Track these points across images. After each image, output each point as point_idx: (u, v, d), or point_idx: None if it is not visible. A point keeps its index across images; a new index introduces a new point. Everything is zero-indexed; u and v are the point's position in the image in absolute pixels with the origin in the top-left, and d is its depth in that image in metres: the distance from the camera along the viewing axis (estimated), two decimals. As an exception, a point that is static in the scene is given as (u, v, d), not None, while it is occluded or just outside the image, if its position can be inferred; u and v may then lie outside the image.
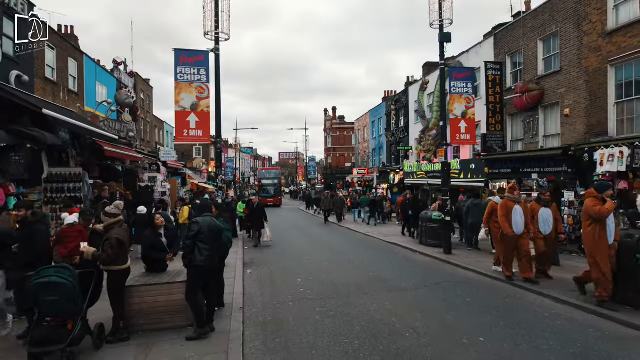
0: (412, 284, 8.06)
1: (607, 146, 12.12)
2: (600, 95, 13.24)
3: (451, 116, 12.15)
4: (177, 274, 5.90)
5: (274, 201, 40.84)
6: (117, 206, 5.16)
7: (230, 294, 7.11)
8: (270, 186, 42.52)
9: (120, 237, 4.84)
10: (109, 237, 4.80)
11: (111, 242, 4.73)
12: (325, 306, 6.52)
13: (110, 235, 4.83)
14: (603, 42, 13.11)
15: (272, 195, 41.55)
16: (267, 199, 38.26)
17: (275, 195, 42.22)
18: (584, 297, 6.46)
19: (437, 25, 11.19)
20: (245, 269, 9.62)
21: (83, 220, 5.66)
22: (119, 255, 4.82)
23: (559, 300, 6.57)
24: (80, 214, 5.85)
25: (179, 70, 9.73)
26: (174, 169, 25.32)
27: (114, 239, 4.77)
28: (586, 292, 6.53)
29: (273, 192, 42.10)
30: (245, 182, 71.88)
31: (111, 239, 4.77)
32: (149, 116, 33.49)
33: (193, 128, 9.70)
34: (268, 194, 41.28)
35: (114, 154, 13.03)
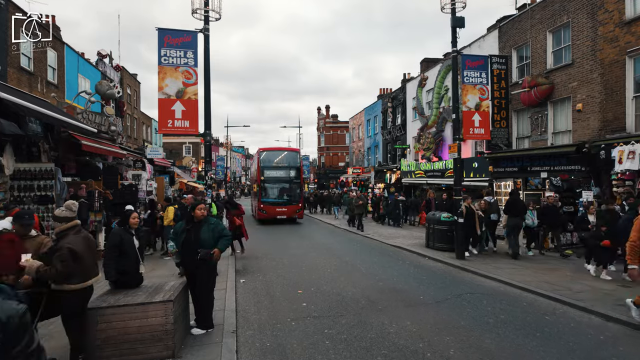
0: (431, 296, 7.05)
1: (627, 143, 11.31)
2: (617, 89, 12.43)
3: (464, 108, 11.19)
4: (155, 290, 4.80)
5: (289, 211, 22.04)
6: (68, 207, 4.01)
7: (221, 310, 6.02)
8: (282, 182, 22.67)
9: (73, 247, 3.73)
10: (59, 248, 3.68)
11: (62, 254, 3.63)
12: (335, 327, 5.46)
13: (61, 245, 3.72)
14: (620, 32, 12.30)
15: (286, 201, 22.37)
16: (276, 208, 21.67)
17: (292, 201, 22.43)
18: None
19: (449, 9, 10.24)
20: (237, 278, 8.52)
21: (19, 226, 4.18)
22: (73, 270, 3.72)
23: (609, 318, 5.63)
24: (15, 218, 4.28)
25: (163, 52, 8.59)
26: (162, 167, 24.10)
27: (66, 249, 3.67)
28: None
29: (287, 195, 22.58)
30: (236, 181, 70.49)
31: (62, 249, 3.66)
32: (136, 112, 32.08)
33: (179, 118, 8.55)
34: (278, 198, 22.44)
35: (93, 149, 11.89)
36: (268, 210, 21.47)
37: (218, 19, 8.89)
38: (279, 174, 22.50)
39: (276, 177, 22.43)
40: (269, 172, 22.29)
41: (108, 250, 4.64)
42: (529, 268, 9.14)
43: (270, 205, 21.72)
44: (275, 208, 21.62)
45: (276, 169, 22.61)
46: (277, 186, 22.37)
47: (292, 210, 21.99)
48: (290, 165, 23.03)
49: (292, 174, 22.73)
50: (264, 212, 21.46)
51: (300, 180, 23.07)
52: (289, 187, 22.61)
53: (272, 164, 22.85)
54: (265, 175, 22.16)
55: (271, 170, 22.38)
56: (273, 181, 22.28)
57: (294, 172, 22.82)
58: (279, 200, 22.13)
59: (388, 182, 27.93)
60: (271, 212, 21.46)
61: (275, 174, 22.37)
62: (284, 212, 21.74)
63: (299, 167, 23.08)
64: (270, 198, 22.07)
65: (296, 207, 22.21)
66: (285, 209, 21.76)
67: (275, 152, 24.23)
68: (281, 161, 23.23)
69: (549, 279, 7.98)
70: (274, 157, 23.38)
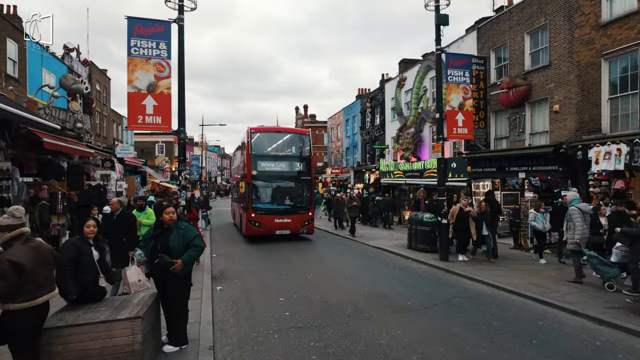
0: (419, 301, 6.77)
1: (603, 143, 11.47)
2: (593, 91, 12.63)
3: (447, 108, 11.05)
4: (121, 304, 4.27)
5: (294, 223, 15.01)
6: (11, 213, 3.41)
7: (196, 322, 5.52)
8: (284, 179, 15.65)
9: (16, 259, 3.16)
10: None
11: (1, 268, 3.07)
12: (322, 339, 5.07)
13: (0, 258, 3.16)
14: (597, 35, 12.50)
15: (290, 208, 15.33)
16: (274, 219, 14.79)
17: (297, 208, 15.40)
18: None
19: (433, 6, 10.05)
20: (214, 285, 7.98)
21: None
22: (17, 287, 3.16)
23: (601, 321, 5.50)
24: None
25: (133, 42, 7.94)
26: (133, 166, 23.08)
27: (5, 262, 3.10)
28: None
29: (291, 199, 15.59)
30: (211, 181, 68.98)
31: (1, 263, 3.10)
32: (105, 109, 30.69)
33: (150, 114, 7.93)
34: (277, 203, 15.35)
35: (56, 146, 11.06)
36: (263, 222, 14.27)
37: (194, 8, 8.35)
38: (280, 167, 15.22)
39: (275, 173, 15.03)
40: (265, 165, 14.92)
41: (63, 265, 4.03)
42: (515, 269, 9.05)
43: (266, 214, 14.41)
44: (274, 219, 14.41)
45: (275, 159, 15.35)
46: (277, 185, 15.23)
47: (299, 222, 14.74)
48: (296, 154, 15.90)
49: (298, 168, 15.37)
50: (256, 224, 14.30)
51: (311, 177, 15.59)
52: (294, 186, 15.48)
53: (269, 151, 15.71)
54: (259, 168, 14.66)
55: (268, 162, 15.11)
56: (270, 178, 14.99)
57: (302, 164, 15.43)
58: (279, 207, 14.81)
59: (367, 182, 27.79)
60: (268, 224, 14.30)
61: (273, 167, 15.11)
62: (287, 224, 14.56)
63: (308, 158, 15.55)
64: (266, 203, 14.82)
65: (304, 216, 14.92)
66: (289, 220, 14.60)
67: (273, 134, 16.32)
68: (282, 148, 16.07)
69: (536, 280, 7.88)
70: (272, 142, 16.07)
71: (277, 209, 14.84)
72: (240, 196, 15.89)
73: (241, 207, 16.06)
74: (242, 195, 15.46)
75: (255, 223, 14.30)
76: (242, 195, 15.32)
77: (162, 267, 4.52)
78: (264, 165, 14.91)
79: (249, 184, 14.59)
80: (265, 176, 14.87)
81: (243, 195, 15.20)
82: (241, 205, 15.98)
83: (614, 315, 5.61)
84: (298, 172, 15.41)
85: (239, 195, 16.47)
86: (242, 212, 15.92)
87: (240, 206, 16.68)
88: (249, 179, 14.59)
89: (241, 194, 15.55)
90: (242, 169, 16.33)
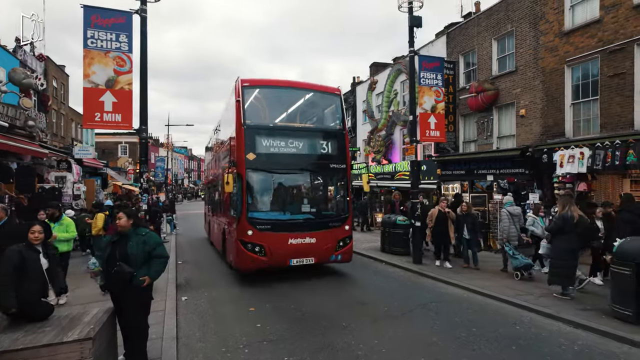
0: (396, 307, 6.57)
1: (567, 147, 11.84)
2: (557, 96, 13.04)
3: (420, 110, 11.02)
4: (70, 323, 3.77)
5: (322, 246, 8.61)
6: None
7: (158, 338, 5.05)
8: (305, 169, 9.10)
9: None
10: None
11: None
12: (296, 353, 4.74)
13: None
14: (560, 42, 12.92)
15: (314, 220, 8.83)
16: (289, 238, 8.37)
17: (330, 219, 9.09)
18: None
19: (406, 7, 10.00)
20: (179, 295, 7.46)
21: None
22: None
23: (576, 324, 5.51)
24: None
25: (90, 34, 7.31)
26: (93, 168, 21.88)
27: None
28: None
29: (316, 205, 9.10)
30: (178, 184, 66.92)
31: None
32: (63, 108, 28.92)
33: (109, 111, 7.32)
34: (292, 211, 8.83)
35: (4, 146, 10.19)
36: (270, 245, 8.32)
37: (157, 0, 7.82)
38: (295, 149, 9.00)
39: (288, 158, 8.91)
40: (270, 144, 8.83)
41: (2, 274, 3.53)
42: (487, 271, 9.08)
43: (273, 230, 8.46)
44: (287, 238, 8.46)
45: (287, 135, 9.07)
46: (290, 180, 9.23)
47: (329, 242, 8.83)
48: (322, 127, 10.04)
49: (325, 149, 9.31)
50: (256, 249, 8.30)
51: (347, 165, 9.51)
52: (319, 181, 9.65)
53: (277, 122, 9.65)
54: (261, 150, 8.67)
55: (275, 139, 8.89)
56: (280, 167, 8.90)
57: (331, 144, 9.37)
58: (295, 218, 8.82)
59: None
60: (278, 248, 8.35)
61: (284, 149, 8.91)
62: (310, 248, 8.58)
63: (341, 134, 9.54)
64: (274, 212, 8.87)
65: (337, 232, 9.02)
66: (313, 240, 8.60)
67: (282, 92, 9.85)
68: (298, 116, 9.97)
69: (509, 283, 7.92)
70: (281, 107, 9.86)
71: (292, 221, 8.56)
72: (224, 200, 10.00)
73: (225, 218, 10.22)
74: (226, 198, 9.62)
75: (255, 248, 8.10)
76: (228, 199, 9.41)
77: (119, 277, 4.07)
78: (268, 146, 8.62)
79: (241, 177, 8.28)
80: (270, 163, 8.58)
81: (229, 197, 9.22)
82: (225, 214, 10.14)
83: (587, 317, 5.65)
84: (325, 156, 9.13)
85: (221, 198, 10.84)
86: (226, 226, 9.98)
87: (222, 217, 10.82)
88: (241, 168, 8.31)
89: (225, 196, 9.62)
90: (228, 153, 9.82)
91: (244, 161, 8.33)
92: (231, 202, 9.20)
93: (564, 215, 6.74)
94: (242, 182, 8.34)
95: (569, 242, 6.66)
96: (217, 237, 12.33)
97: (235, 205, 8.66)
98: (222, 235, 10.73)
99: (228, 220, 9.69)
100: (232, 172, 8.72)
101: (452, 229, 9.87)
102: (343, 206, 9.35)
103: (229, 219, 9.57)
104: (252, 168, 8.41)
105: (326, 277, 9.02)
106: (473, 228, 9.76)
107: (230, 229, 9.41)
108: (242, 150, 8.38)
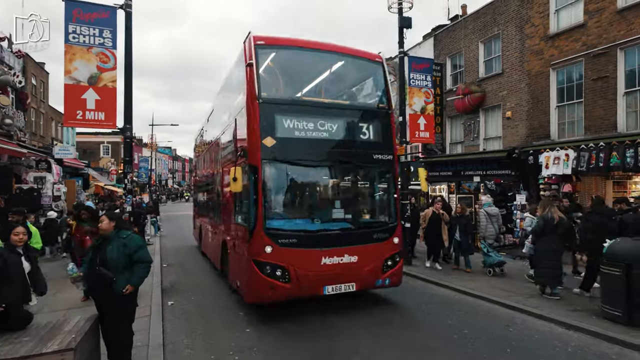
0: (388, 310, 6.50)
1: (552, 149, 12.02)
2: (543, 99, 13.23)
3: (410, 111, 11.02)
4: (49, 332, 3.55)
5: (364, 265, 6.33)
6: None
7: (144, 346, 4.84)
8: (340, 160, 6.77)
9: None
10: None
11: None
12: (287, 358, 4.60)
13: None
14: (545, 46, 13.12)
15: (353, 230, 6.52)
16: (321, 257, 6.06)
17: (374, 229, 6.76)
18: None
19: (396, 8, 9.98)
20: (164, 299, 7.23)
21: None
22: None
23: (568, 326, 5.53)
24: None
25: (71, 28, 7.02)
26: (74, 168, 21.30)
27: None
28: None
29: (354, 209, 6.87)
30: (162, 185, 65.83)
31: None
32: (43, 106, 28.08)
33: (91, 109, 7.04)
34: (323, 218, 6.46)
35: (-22, 145, 9.79)
36: (298, 267, 5.97)
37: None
38: (327, 132, 6.65)
39: (318, 144, 6.58)
40: (295, 125, 6.46)
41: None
42: (477, 272, 9.09)
43: (299, 245, 6.08)
44: (320, 256, 6.08)
45: (316, 112, 6.80)
46: (319, 176, 7.00)
47: (374, 260, 6.52)
48: (360, 104, 7.75)
49: (366, 135, 7.01)
50: (277, 273, 5.92)
51: (394, 155, 7.15)
52: (358, 177, 7.38)
53: (302, 95, 7.33)
54: (282, 134, 6.35)
55: (301, 118, 6.51)
56: (308, 156, 6.53)
57: (374, 127, 7.07)
58: (328, 229, 6.39)
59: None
60: (307, 271, 6.00)
61: (313, 132, 6.55)
62: (347, 269, 6.23)
63: (386, 113, 7.27)
64: (297, 220, 6.56)
65: (383, 246, 6.68)
66: (353, 259, 6.26)
67: (308, 54, 7.22)
68: (327, 87, 7.67)
69: (496, 283, 7.96)
70: (306, 74, 7.53)
71: (325, 233, 6.33)
72: (226, 202, 7.99)
73: (227, 226, 7.96)
74: (229, 200, 7.60)
75: (276, 270, 5.91)
76: (233, 201, 7.30)
77: (99, 281, 3.88)
78: (291, 128, 6.44)
79: (255, 171, 6.12)
80: (295, 152, 6.40)
81: (234, 200, 7.18)
82: (227, 222, 7.92)
83: (578, 318, 5.67)
84: (367, 144, 6.92)
85: (219, 200, 8.91)
86: (228, 237, 7.80)
87: (222, 224, 8.53)
88: (254, 158, 6.17)
89: (228, 197, 7.65)
90: (232, 141, 7.61)
91: (260, 149, 6.03)
92: (238, 205, 6.99)
93: (544, 216, 6.90)
94: (256, 178, 5.98)
95: (551, 242, 6.83)
96: (213, 250, 9.86)
97: (245, 210, 6.36)
98: (222, 249, 8.36)
99: (233, 231, 7.28)
100: (241, 164, 6.39)
101: (445, 230, 9.75)
102: (390, 211, 6.97)
103: (234, 228, 7.20)
104: (270, 158, 6.11)
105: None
106: (465, 230, 9.60)
107: (236, 242, 7.03)
108: (257, 134, 6.07)
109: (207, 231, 11.07)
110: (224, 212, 8.28)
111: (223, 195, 8.42)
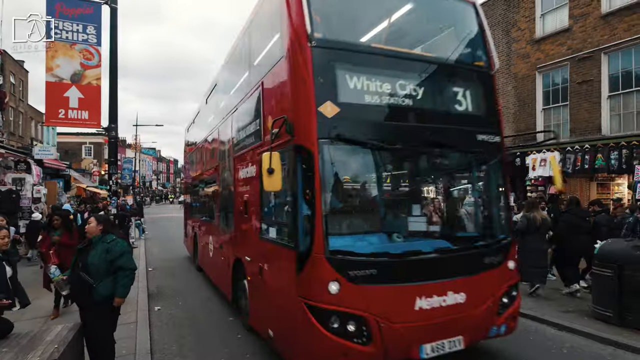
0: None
1: (539, 151, 12.18)
2: (529, 102, 13.42)
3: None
4: (30, 342, 3.35)
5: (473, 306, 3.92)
6: None
7: (130, 354, 4.64)
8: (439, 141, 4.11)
9: None
10: None
11: None
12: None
13: None
14: (531, 49, 13.32)
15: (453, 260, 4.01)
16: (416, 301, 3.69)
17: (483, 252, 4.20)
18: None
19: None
20: (151, 305, 7.00)
21: None
22: None
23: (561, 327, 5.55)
24: None
25: (54, 23, 6.81)
26: (55, 169, 20.67)
27: None
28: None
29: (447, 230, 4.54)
30: (146, 186, 64.71)
31: None
32: (22, 105, 27.28)
33: (75, 107, 6.77)
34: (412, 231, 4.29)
35: (-47, 145, 9.36)
36: (382, 316, 3.57)
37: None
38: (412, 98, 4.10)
39: (403, 116, 4.09)
40: (366, 83, 3.90)
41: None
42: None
43: (382, 281, 3.65)
44: (414, 296, 3.74)
45: (397, 66, 4.18)
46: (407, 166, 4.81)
47: (483, 300, 4.06)
48: (455, 60, 4.63)
49: (464, 105, 4.40)
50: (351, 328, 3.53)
51: (502, 137, 4.67)
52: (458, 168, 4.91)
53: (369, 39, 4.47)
54: (350, 98, 3.83)
55: (375, 75, 3.97)
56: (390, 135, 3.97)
57: (471, 93, 4.47)
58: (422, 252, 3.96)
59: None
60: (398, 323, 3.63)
61: (394, 99, 4.01)
62: (453, 313, 3.84)
63: (487, 74, 4.70)
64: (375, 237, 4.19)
65: (495, 278, 4.22)
66: (461, 299, 3.89)
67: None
68: (404, 34, 4.76)
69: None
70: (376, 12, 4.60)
71: (418, 258, 3.93)
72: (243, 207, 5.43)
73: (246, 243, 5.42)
74: (249, 202, 5.24)
75: (349, 324, 3.54)
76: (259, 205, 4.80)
77: (81, 287, 3.69)
78: (362, 90, 3.93)
79: (310, 157, 3.66)
80: (370, 127, 3.97)
81: (259, 201, 4.77)
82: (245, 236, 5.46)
83: (570, 319, 5.69)
84: (466, 117, 4.47)
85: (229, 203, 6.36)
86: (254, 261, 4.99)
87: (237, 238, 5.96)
88: (308, 136, 3.69)
89: (246, 199, 5.35)
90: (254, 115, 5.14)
91: (315, 120, 3.67)
92: (267, 212, 4.74)
93: (527, 216, 7.03)
94: (311, 168, 3.64)
95: (535, 242, 6.92)
96: (218, 272, 7.45)
97: (286, 220, 4.14)
98: (234, 271, 6.01)
99: (258, 250, 4.83)
100: (282, 147, 3.86)
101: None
102: (499, 220, 4.69)
103: (261, 247, 4.73)
104: (332, 137, 3.68)
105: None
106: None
107: (266, 268, 4.57)
108: (310, 96, 3.70)
109: (206, 244, 8.48)
110: (238, 220, 5.73)
111: (235, 197, 5.88)
